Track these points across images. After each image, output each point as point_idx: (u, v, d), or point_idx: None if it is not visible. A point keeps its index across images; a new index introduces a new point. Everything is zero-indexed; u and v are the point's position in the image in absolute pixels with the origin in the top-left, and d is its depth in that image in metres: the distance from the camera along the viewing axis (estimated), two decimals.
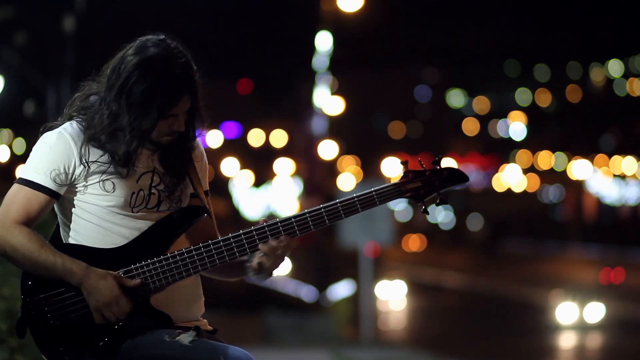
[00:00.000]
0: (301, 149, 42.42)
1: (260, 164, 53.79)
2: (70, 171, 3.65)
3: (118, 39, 3.84)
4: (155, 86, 3.61)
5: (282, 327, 21.85)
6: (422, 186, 3.85)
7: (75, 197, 3.69)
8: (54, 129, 3.71)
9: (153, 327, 3.64)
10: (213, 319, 3.88)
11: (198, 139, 3.85)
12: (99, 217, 3.67)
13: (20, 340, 6.31)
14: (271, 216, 3.81)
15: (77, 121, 3.71)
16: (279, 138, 57.12)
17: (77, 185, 3.67)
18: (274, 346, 19.32)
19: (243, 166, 53.67)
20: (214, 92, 3.86)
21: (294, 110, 55.14)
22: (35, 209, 3.64)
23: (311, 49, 31.50)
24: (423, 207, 3.86)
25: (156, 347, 3.60)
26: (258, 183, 53.35)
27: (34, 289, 3.62)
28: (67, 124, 3.71)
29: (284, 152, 53.93)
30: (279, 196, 50.58)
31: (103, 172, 3.66)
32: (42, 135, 3.72)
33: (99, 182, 3.66)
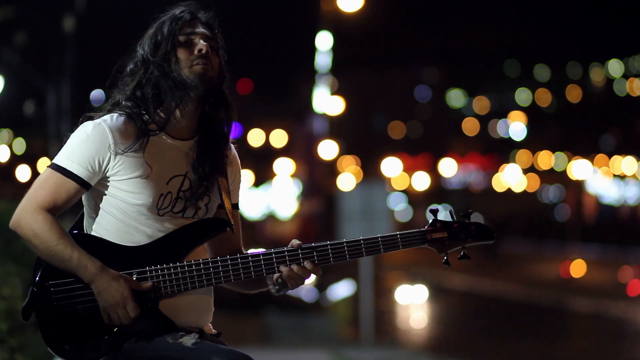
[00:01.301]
0: (301, 150, 42.48)
1: (260, 164, 53.81)
2: (105, 163, 3.65)
3: (118, 39, 3.85)
4: (168, 16, 3.77)
5: (282, 327, 21.84)
6: (447, 237, 3.86)
7: (105, 191, 3.70)
8: (95, 119, 3.72)
9: (157, 331, 3.64)
10: (213, 319, 3.87)
11: (234, 150, 3.89)
12: (125, 213, 3.67)
13: (21, 340, 6.32)
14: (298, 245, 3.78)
15: (119, 113, 3.72)
16: (279, 138, 57.15)
17: (109, 179, 3.68)
18: (274, 346, 19.31)
19: (243, 166, 53.50)
20: None
21: (294, 110, 55.16)
22: (63, 196, 3.64)
23: (311, 49, 31.51)
24: (445, 258, 3.86)
25: (158, 349, 3.60)
26: (258, 183, 53.36)
27: (45, 275, 3.63)
28: (107, 116, 3.72)
29: (284, 152, 53.96)
30: (278, 196, 50.59)
31: (136, 169, 3.66)
32: (81, 124, 3.72)
33: (131, 178, 3.66)
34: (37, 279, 3.63)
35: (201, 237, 3.74)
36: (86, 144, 3.64)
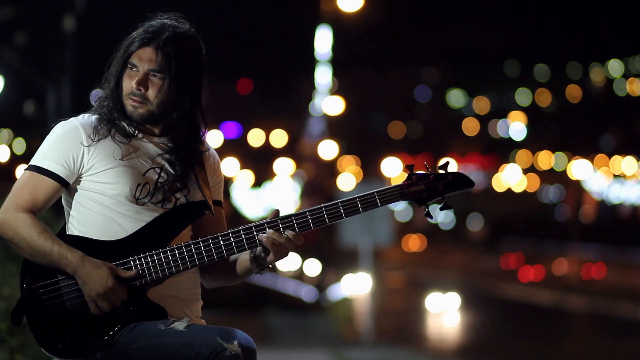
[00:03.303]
0: (305, 150, 42.41)
1: (260, 164, 53.81)
2: (80, 158, 3.71)
3: (118, 39, 3.86)
4: (131, 36, 3.80)
5: (282, 327, 21.86)
6: (424, 189, 3.82)
7: (83, 187, 3.74)
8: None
9: (148, 320, 3.65)
10: (213, 319, 3.88)
11: (213, 150, 3.92)
12: (105, 206, 3.70)
13: (21, 340, 6.32)
14: (275, 213, 3.79)
15: (90, 113, 3.80)
16: (279, 138, 57.15)
17: (85, 174, 3.72)
18: (274, 346, 19.32)
19: (243, 166, 53.67)
20: (214, 92, 3.89)
21: (294, 110, 55.16)
22: (42, 194, 3.69)
23: (311, 49, 31.52)
24: (426, 210, 3.83)
25: (151, 337, 3.61)
26: (258, 183, 53.34)
27: (32, 277, 3.66)
28: (80, 116, 3.81)
29: (284, 152, 53.93)
30: (279, 196, 50.54)
31: (111, 160, 3.70)
32: (54, 126, 3.78)
33: (107, 169, 3.70)
34: (24, 284, 3.66)
35: (182, 222, 3.75)
36: (60, 142, 3.71)
